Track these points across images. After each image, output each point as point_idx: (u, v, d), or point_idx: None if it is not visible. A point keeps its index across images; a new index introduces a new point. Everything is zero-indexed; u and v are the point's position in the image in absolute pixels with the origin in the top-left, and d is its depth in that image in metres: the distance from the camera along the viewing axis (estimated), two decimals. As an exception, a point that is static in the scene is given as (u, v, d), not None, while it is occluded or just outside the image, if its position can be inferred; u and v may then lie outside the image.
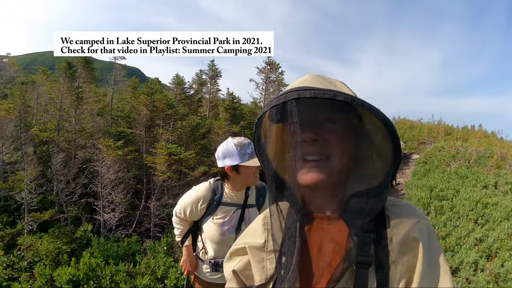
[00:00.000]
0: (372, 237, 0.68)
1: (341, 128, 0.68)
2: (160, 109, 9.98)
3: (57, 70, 8.84)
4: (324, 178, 0.67)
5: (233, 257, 0.89)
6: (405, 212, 0.71)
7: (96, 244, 6.86)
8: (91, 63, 10.83)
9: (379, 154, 0.69)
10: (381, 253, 0.67)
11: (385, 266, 0.66)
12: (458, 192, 10.59)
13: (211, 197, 2.08)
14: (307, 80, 0.69)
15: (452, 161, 14.37)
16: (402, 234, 0.68)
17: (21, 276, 5.31)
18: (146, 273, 6.35)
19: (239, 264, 0.86)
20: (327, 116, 0.67)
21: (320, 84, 0.67)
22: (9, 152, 7.01)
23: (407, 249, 0.66)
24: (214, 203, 2.08)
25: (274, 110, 0.67)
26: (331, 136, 0.68)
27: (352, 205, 0.68)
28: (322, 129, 0.68)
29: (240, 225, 2.05)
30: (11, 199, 7.24)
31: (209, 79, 16.14)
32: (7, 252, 5.93)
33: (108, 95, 11.78)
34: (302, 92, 0.61)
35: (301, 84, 0.67)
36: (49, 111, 9.77)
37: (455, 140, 19.90)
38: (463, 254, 6.80)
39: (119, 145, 8.59)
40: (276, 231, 0.77)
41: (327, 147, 0.67)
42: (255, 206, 2.13)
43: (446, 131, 25.25)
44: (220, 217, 2.06)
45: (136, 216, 9.31)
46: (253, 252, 0.82)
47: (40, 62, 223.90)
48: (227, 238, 2.05)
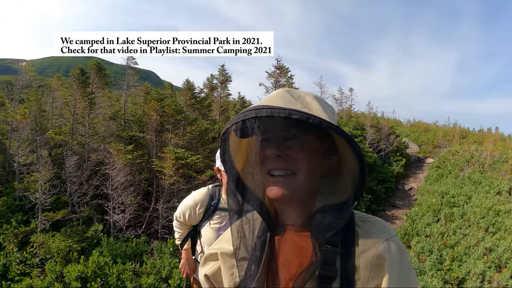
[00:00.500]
0: (338, 252, 0.68)
1: (308, 145, 0.69)
2: (169, 114, 10.23)
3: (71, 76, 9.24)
4: (289, 193, 0.69)
5: (206, 261, 0.91)
6: (375, 229, 0.72)
7: (106, 244, 7.11)
8: (104, 69, 11.22)
9: (344, 172, 0.70)
10: (346, 269, 0.67)
11: (350, 283, 0.66)
12: (470, 199, 10.32)
13: (208, 202, 2.19)
14: (273, 97, 0.72)
15: (466, 166, 13.98)
16: (369, 251, 0.68)
17: (33, 272, 5.59)
18: (152, 272, 6.54)
19: (211, 269, 0.88)
20: (293, 133, 0.68)
21: (286, 101, 0.68)
22: (25, 154, 7.38)
23: (374, 267, 0.66)
24: (211, 208, 2.19)
25: (238, 126, 0.69)
26: (295, 152, 0.69)
27: (317, 219, 0.69)
28: (286, 146, 0.69)
29: None
30: (25, 199, 7.61)
31: (220, 84, 16.38)
32: (21, 249, 6.26)
33: (121, 99, 12.15)
34: (260, 111, 0.63)
35: (267, 101, 0.70)
36: (64, 115, 10.18)
37: (470, 144, 19.32)
38: (471, 264, 6.60)
39: (129, 149, 8.87)
40: (248, 239, 0.79)
41: (292, 163, 0.69)
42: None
43: (462, 134, 24.50)
44: (216, 222, 2.15)
45: (146, 218, 9.58)
46: (224, 258, 0.84)
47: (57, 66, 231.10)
48: None
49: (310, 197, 0.72)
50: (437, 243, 7.46)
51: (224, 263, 0.84)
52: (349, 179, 0.69)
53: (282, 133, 0.69)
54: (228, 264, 0.83)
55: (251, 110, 0.65)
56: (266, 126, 0.67)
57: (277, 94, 0.72)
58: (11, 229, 6.67)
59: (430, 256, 6.91)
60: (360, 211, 1.01)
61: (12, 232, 6.47)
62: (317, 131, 0.67)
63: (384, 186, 13.19)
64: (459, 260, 6.89)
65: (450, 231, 8.27)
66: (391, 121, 27.10)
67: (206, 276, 0.88)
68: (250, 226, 0.81)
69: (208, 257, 0.90)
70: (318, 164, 0.70)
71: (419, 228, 8.48)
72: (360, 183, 0.67)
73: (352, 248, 0.69)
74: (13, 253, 5.72)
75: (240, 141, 0.77)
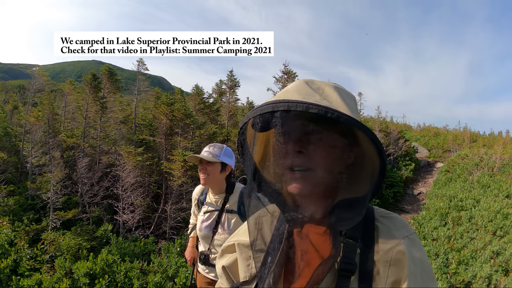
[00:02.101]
0: (357, 246, 0.68)
1: (328, 139, 0.67)
2: (179, 118, 10.48)
3: (83, 81, 9.58)
4: (309, 188, 0.68)
5: (224, 254, 0.91)
6: (395, 225, 0.71)
7: (115, 243, 7.30)
8: (115, 74, 11.56)
9: (364, 167, 0.68)
10: (366, 263, 0.67)
11: (369, 277, 0.66)
12: (478, 202, 10.19)
13: (199, 197, 2.44)
14: (291, 89, 0.69)
15: (475, 170, 13.77)
16: (389, 246, 0.67)
17: (42, 268, 5.79)
18: (158, 271, 6.69)
19: (228, 260, 0.87)
20: (312, 127, 0.66)
21: (304, 93, 0.66)
22: (38, 155, 7.68)
23: (393, 262, 0.66)
24: (199, 202, 2.42)
25: (256, 120, 0.67)
26: (315, 147, 0.67)
27: (336, 213, 0.68)
28: (306, 141, 0.67)
29: (217, 226, 2.26)
30: (38, 198, 7.90)
31: (228, 89, 16.63)
32: (31, 245, 6.49)
33: (132, 104, 12.48)
34: (276, 105, 0.61)
35: (284, 94, 0.68)
36: (76, 118, 10.52)
37: (480, 147, 19.00)
38: (477, 267, 6.52)
39: (139, 151, 9.12)
40: (266, 231, 0.79)
41: (312, 159, 0.67)
42: (235, 213, 2.24)
43: (472, 138, 24.06)
44: (201, 215, 2.35)
45: (155, 219, 9.79)
46: (241, 249, 0.84)
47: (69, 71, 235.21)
48: (204, 234, 2.31)
49: (330, 191, 0.70)
50: (443, 247, 7.40)
51: (241, 254, 0.84)
52: (368, 174, 0.67)
53: (301, 127, 0.66)
54: (245, 255, 0.83)
55: (269, 104, 0.63)
56: (284, 120, 0.64)
57: (296, 85, 0.69)
58: (23, 226, 6.93)
59: (436, 260, 6.87)
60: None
61: (23, 230, 6.74)
62: (336, 125, 0.64)
63: (392, 190, 13.11)
64: (465, 263, 6.80)
65: (457, 235, 8.19)
66: (401, 126, 26.86)
67: (223, 268, 0.88)
68: (268, 218, 0.81)
69: (226, 249, 0.90)
70: (338, 159, 0.68)
71: (426, 232, 8.42)
72: (380, 178, 0.66)
73: (371, 243, 0.69)
74: (24, 250, 5.93)
75: (258, 134, 0.75)
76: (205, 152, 2.24)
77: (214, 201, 2.31)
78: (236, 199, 2.26)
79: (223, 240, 2.21)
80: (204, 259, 2.33)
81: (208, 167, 2.20)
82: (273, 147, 0.71)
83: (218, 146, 2.30)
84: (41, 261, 6.03)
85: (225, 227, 2.24)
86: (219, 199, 2.30)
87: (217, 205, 2.30)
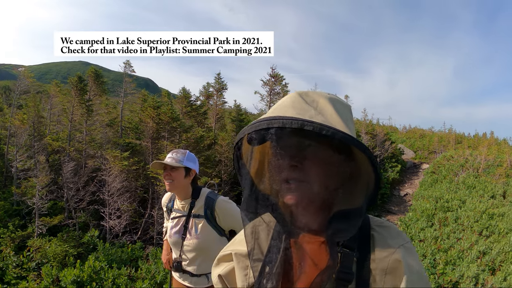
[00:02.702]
0: (354, 255, 0.69)
1: (322, 154, 0.68)
2: (165, 122, 10.36)
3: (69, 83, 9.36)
4: (304, 201, 0.69)
5: (220, 262, 0.91)
6: (390, 234, 0.73)
7: (102, 249, 7.15)
8: (102, 76, 11.35)
9: (359, 180, 0.69)
10: (362, 272, 0.68)
11: (366, 286, 0.67)
12: (464, 203, 10.42)
13: (167, 204, 2.43)
14: (285, 104, 0.70)
15: (460, 171, 14.11)
16: (385, 255, 0.69)
17: (29, 276, 5.61)
18: (146, 277, 6.57)
19: (224, 269, 0.87)
20: (307, 143, 0.67)
21: (298, 108, 0.67)
22: (23, 160, 7.44)
23: (390, 271, 0.67)
24: (167, 208, 2.43)
25: (251, 135, 0.68)
26: (310, 162, 0.68)
27: (332, 224, 0.70)
28: (301, 156, 0.68)
29: (186, 232, 2.24)
30: (23, 204, 7.66)
31: (216, 92, 16.57)
32: (17, 253, 6.28)
33: (118, 106, 12.28)
34: (271, 122, 0.63)
35: (280, 108, 0.69)
36: (61, 121, 10.26)
37: (465, 149, 19.49)
38: (464, 267, 6.64)
39: (125, 155, 8.96)
40: (263, 241, 0.80)
41: (306, 173, 0.68)
42: (202, 217, 2.22)
43: (457, 140, 24.66)
44: (171, 221, 2.35)
45: (142, 224, 9.62)
46: (238, 258, 0.84)
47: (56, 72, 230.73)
48: (173, 240, 2.29)
49: (325, 203, 0.71)
50: (430, 248, 7.51)
51: (238, 264, 0.84)
52: (363, 187, 0.69)
53: (296, 143, 0.67)
54: (242, 265, 0.83)
55: (264, 121, 0.64)
56: (279, 136, 0.65)
57: (290, 100, 0.70)
58: (8, 233, 6.71)
59: (423, 261, 6.95)
60: None
61: (9, 236, 6.52)
62: (331, 141, 0.64)
63: (379, 192, 13.26)
64: (452, 263, 6.91)
65: (444, 235, 8.33)
66: (387, 128, 27.27)
67: (219, 277, 0.88)
68: (264, 228, 0.82)
69: (222, 258, 0.90)
70: (333, 172, 0.69)
71: (413, 233, 8.53)
72: (375, 191, 0.68)
73: (368, 252, 0.70)
74: (10, 257, 5.74)
75: (254, 149, 0.76)
76: (168, 158, 2.21)
77: (181, 207, 2.30)
78: (202, 204, 2.24)
79: (192, 246, 2.21)
80: (177, 266, 2.30)
81: (172, 172, 2.18)
82: (268, 161, 0.72)
83: (181, 151, 2.29)
84: (28, 268, 5.84)
85: (193, 232, 2.22)
86: (185, 205, 2.28)
87: (184, 210, 2.29)
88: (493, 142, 20.69)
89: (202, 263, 2.23)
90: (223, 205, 2.22)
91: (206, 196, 2.26)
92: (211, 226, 2.21)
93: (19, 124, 7.55)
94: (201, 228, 2.21)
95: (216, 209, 2.20)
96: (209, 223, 2.22)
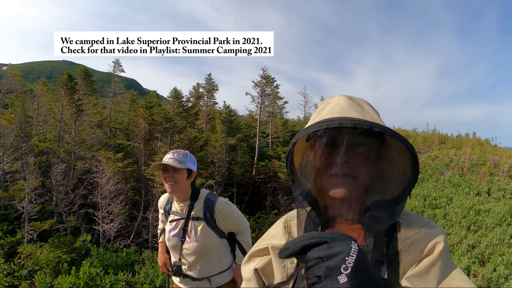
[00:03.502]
0: (385, 240, 0.75)
1: (367, 151, 0.75)
2: (158, 122, 10.14)
3: (58, 82, 8.97)
4: (351, 194, 0.74)
5: (252, 258, 0.93)
6: (413, 219, 0.79)
7: (96, 254, 6.89)
8: (91, 75, 10.99)
9: (399, 172, 0.75)
10: (392, 253, 0.74)
11: (396, 263, 0.73)
12: (451, 200, 10.77)
13: (164, 206, 2.30)
14: (343, 106, 0.77)
15: (446, 170, 14.58)
16: (411, 235, 0.75)
17: (22, 284, 5.32)
18: (145, 282, 6.40)
19: (260, 263, 0.90)
20: (357, 140, 0.73)
21: (356, 111, 0.75)
22: (10, 161, 7.04)
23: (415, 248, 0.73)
24: (165, 211, 2.29)
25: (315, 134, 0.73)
26: (357, 158, 0.74)
27: (371, 214, 0.75)
28: (352, 152, 0.74)
29: (185, 235, 2.14)
30: (11, 208, 7.27)
31: (206, 93, 16.40)
32: (7, 260, 5.94)
33: (107, 107, 11.94)
34: (344, 122, 0.69)
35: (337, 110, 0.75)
36: (49, 121, 9.82)
37: (449, 149, 20.16)
38: (456, 260, 6.87)
39: (119, 157, 8.71)
40: (295, 234, 0.87)
41: (355, 168, 0.74)
42: (202, 220, 2.14)
43: (441, 140, 25.49)
44: (169, 224, 2.22)
45: (135, 227, 9.36)
46: (275, 252, 0.87)
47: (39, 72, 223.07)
48: (172, 244, 2.17)
49: (367, 194, 0.77)
50: (421, 244, 7.71)
51: (276, 256, 0.87)
52: (402, 178, 0.75)
53: (348, 140, 0.73)
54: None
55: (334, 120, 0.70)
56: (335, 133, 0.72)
57: (346, 102, 0.78)
58: (-3, 239, 6.34)
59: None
60: None
61: (-3, 243, 6.17)
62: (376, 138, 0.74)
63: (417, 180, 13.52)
64: (443, 258, 7.13)
65: (434, 232, 8.56)
66: (371, 129, 27.72)
67: (255, 271, 0.89)
68: (295, 222, 0.89)
69: (254, 253, 0.93)
70: (374, 166, 0.76)
71: (404, 230, 8.73)
72: (412, 181, 0.73)
73: (395, 235, 0.75)
74: (0, 265, 5.41)
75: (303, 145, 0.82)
76: (169, 159, 2.08)
77: (179, 209, 2.18)
78: (202, 205, 2.15)
79: (192, 249, 2.11)
80: (177, 270, 2.18)
81: (174, 174, 2.06)
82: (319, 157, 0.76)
83: (182, 152, 2.17)
84: (20, 277, 5.53)
85: (192, 236, 2.13)
86: (184, 207, 2.17)
87: (183, 213, 2.17)
88: (476, 142, 21.51)
89: (203, 266, 2.14)
90: (222, 206, 2.13)
91: (205, 198, 2.17)
92: (211, 228, 2.13)
93: (6, 124, 7.14)
94: (200, 230, 2.11)
95: (216, 211, 2.11)
96: (209, 225, 2.14)
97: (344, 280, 0.53)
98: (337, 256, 0.55)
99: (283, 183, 15.33)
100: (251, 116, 18.38)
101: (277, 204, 14.29)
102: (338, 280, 0.53)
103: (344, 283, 0.52)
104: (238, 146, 15.10)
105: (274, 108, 17.78)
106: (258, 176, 15.67)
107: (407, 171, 0.74)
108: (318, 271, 0.55)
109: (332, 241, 0.57)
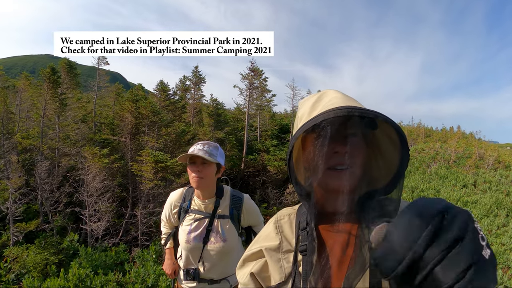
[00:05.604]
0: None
1: (362, 141, 0.75)
2: (145, 116, 9.86)
3: (41, 76, 8.55)
4: (349, 185, 0.73)
5: (246, 262, 0.92)
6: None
7: (84, 254, 6.69)
8: (75, 68, 10.55)
9: (390, 159, 0.75)
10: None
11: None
12: (439, 192, 11.00)
13: (180, 204, 2.09)
14: (341, 97, 0.77)
15: (432, 162, 14.89)
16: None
17: (9, 289, 5.11)
18: (137, 282, 6.27)
19: (255, 267, 0.88)
20: (353, 130, 0.73)
21: (352, 103, 0.74)
22: (-9, 160, 6.72)
23: None
24: (182, 209, 2.08)
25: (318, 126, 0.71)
26: (354, 148, 0.73)
27: (367, 204, 0.72)
28: (349, 143, 0.73)
29: (209, 235, 1.99)
30: (-6, 209, 6.94)
31: (193, 85, 16.10)
32: (-7, 264, 5.69)
33: (92, 101, 11.54)
34: (352, 111, 0.67)
35: (337, 102, 0.75)
36: (31, 117, 9.40)
37: (435, 142, 20.62)
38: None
39: (104, 153, 8.43)
40: (288, 233, 0.86)
41: (352, 158, 0.73)
42: (227, 218, 2.02)
43: (426, 133, 26.10)
44: (187, 224, 2.04)
45: (123, 225, 9.14)
46: (269, 253, 0.87)
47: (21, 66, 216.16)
48: (192, 246, 2.01)
49: (361, 185, 0.76)
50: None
51: (271, 258, 0.86)
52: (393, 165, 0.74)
53: (345, 130, 0.72)
54: (275, 258, 0.85)
55: (342, 108, 0.68)
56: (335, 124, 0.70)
57: (341, 95, 0.78)
58: (-21, 242, 6.04)
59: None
60: None
61: (-19, 246, 5.87)
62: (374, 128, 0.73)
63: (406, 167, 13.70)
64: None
65: (424, 224, 8.74)
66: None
67: (252, 275, 0.89)
68: (286, 221, 0.88)
69: (248, 257, 0.92)
70: (368, 156, 0.76)
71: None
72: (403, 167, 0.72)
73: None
74: (-15, 270, 5.17)
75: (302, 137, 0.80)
76: (199, 150, 1.91)
77: (203, 207, 2.01)
78: (228, 203, 2.02)
79: (217, 250, 1.97)
80: (194, 274, 2.03)
81: (203, 168, 1.91)
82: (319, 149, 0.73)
83: (212, 144, 2.02)
84: (7, 281, 5.29)
85: (219, 235, 1.98)
86: (209, 204, 2.01)
87: (207, 211, 2.01)
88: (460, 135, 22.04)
89: (225, 266, 2.02)
90: (249, 204, 2.06)
91: (231, 195, 2.04)
92: (235, 226, 2.01)
93: (-13, 121, 6.79)
94: (228, 230, 1.99)
95: (244, 208, 2.02)
96: (233, 223, 2.02)
97: (489, 252, 0.41)
98: (465, 228, 0.41)
99: (272, 177, 15.33)
100: (238, 109, 18.23)
101: (266, 198, 14.29)
102: (485, 256, 0.40)
103: (490, 255, 0.41)
104: (226, 139, 14.94)
105: (262, 101, 17.67)
106: (247, 170, 15.60)
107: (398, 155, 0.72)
108: (456, 265, 0.39)
109: (447, 215, 0.42)
